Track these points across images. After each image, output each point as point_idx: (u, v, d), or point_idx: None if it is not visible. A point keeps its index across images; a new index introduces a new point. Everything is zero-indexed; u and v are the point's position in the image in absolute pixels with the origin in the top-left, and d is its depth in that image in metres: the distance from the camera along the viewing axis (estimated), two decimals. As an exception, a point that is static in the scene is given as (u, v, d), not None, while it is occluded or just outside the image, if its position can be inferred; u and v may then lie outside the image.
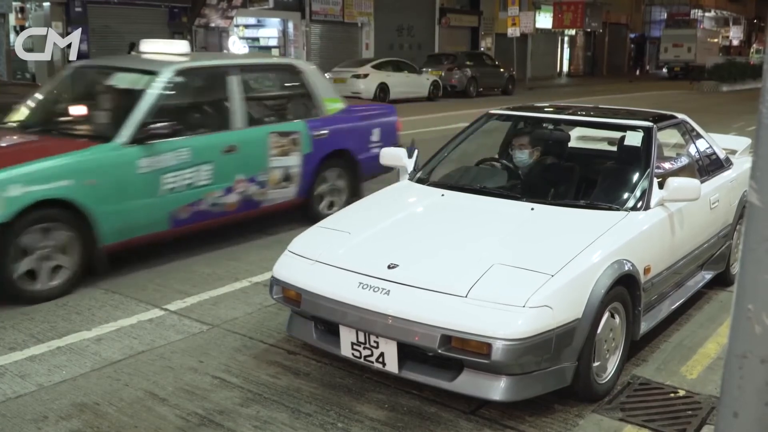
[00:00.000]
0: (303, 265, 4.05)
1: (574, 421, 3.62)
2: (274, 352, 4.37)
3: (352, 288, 3.73)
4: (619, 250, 3.87)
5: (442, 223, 4.29)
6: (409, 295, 3.59)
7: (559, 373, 3.56)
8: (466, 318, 3.39)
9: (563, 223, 4.14)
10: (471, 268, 3.63)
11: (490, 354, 3.31)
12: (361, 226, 4.33)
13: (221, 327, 4.74)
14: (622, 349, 4.00)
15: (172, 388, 3.92)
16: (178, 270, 5.91)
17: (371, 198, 4.92)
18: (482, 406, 3.73)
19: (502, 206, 4.41)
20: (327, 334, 4.00)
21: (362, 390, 3.91)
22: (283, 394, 3.87)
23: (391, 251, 3.94)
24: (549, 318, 3.38)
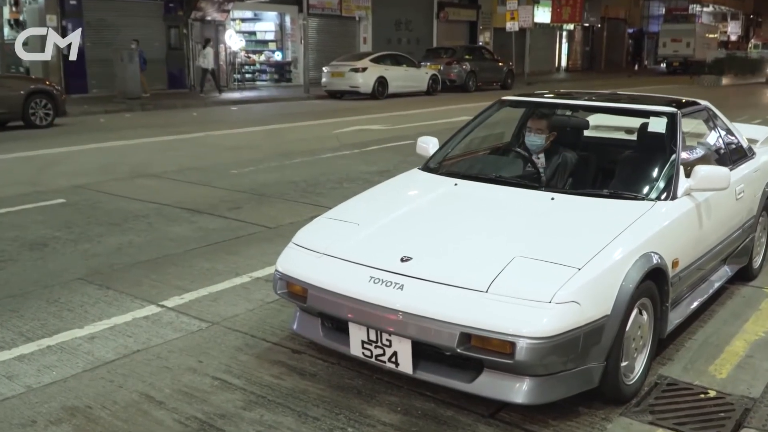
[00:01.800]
0: (309, 259, 3.79)
1: (601, 425, 3.38)
2: (277, 351, 4.12)
3: (362, 282, 3.48)
4: (647, 242, 3.62)
5: (456, 214, 4.04)
6: (425, 290, 3.34)
7: (585, 373, 3.31)
8: (488, 315, 3.14)
9: (586, 214, 3.89)
10: (491, 261, 3.38)
11: (513, 354, 3.06)
12: (371, 217, 4.08)
13: (221, 324, 4.49)
14: (649, 347, 3.76)
15: (170, 390, 3.67)
16: (175, 264, 5.66)
17: (380, 188, 4.66)
18: (502, 409, 3.48)
19: (520, 196, 4.16)
20: (335, 331, 3.75)
21: (373, 392, 3.66)
22: (289, 396, 3.61)
23: (403, 243, 3.69)
24: (577, 315, 3.13)
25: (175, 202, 7.75)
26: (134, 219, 7.05)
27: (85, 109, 17.48)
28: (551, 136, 4.70)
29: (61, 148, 11.57)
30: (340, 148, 11.92)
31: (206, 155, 11.15)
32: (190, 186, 8.78)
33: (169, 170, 9.72)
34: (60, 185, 8.64)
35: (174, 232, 6.60)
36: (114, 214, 7.25)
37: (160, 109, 18.76)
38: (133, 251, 6.00)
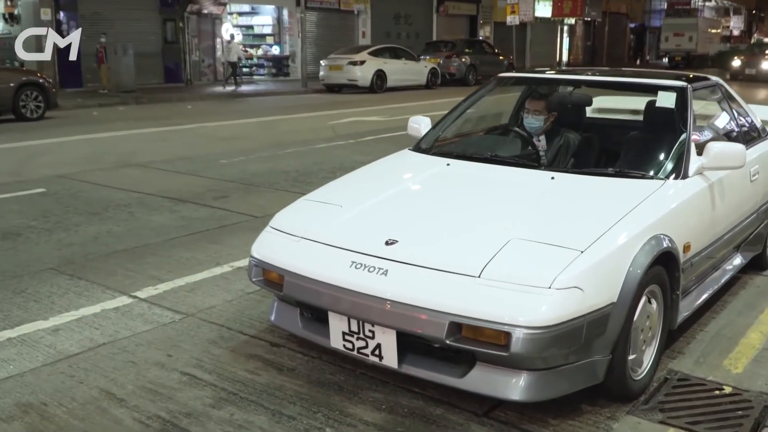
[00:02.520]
0: (286, 243, 3.47)
1: (606, 425, 3.05)
2: (254, 345, 3.80)
3: (343, 268, 3.16)
4: (656, 223, 3.30)
5: (448, 195, 3.71)
6: (411, 276, 3.02)
7: (589, 367, 2.99)
8: (480, 302, 2.82)
9: (590, 194, 3.57)
10: (484, 243, 3.06)
11: (508, 345, 2.74)
12: (355, 198, 3.75)
13: (196, 316, 4.17)
14: (658, 339, 3.44)
15: (133, 387, 3.35)
16: (154, 254, 5.33)
17: (366, 169, 4.34)
18: (497, 407, 3.16)
19: (517, 175, 3.83)
20: (315, 322, 3.43)
21: (356, 388, 3.34)
22: (263, 393, 3.29)
23: (389, 226, 3.37)
24: (579, 302, 2.81)
25: (159, 192, 7.43)
26: (115, 208, 6.73)
27: (79, 103, 17.17)
28: (551, 117, 4.36)
29: (48, 140, 11.26)
30: (334, 139, 11.59)
31: (196, 145, 10.83)
32: (177, 175, 8.46)
33: (156, 160, 9.40)
34: (42, 175, 8.33)
35: (155, 222, 6.29)
36: (94, 203, 6.93)
37: (154, 102, 18.42)
38: (110, 241, 5.68)
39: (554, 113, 4.38)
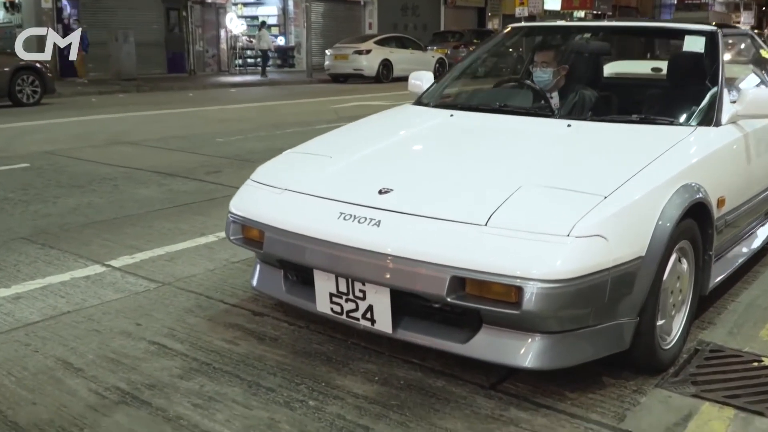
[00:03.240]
0: (268, 196, 3.08)
1: (632, 399, 2.64)
2: (235, 314, 3.40)
3: (330, 219, 2.76)
4: (687, 171, 2.89)
5: (450, 144, 3.32)
6: (407, 226, 2.62)
7: (613, 331, 2.58)
8: (487, 253, 2.42)
9: (611, 141, 3.17)
10: (492, 190, 2.65)
11: (520, 302, 2.33)
12: (346, 149, 3.36)
13: (173, 285, 3.78)
14: (689, 305, 3.03)
15: (94, 356, 2.96)
16: (134, 225, 4.95)
17: (360, 121, 3.94)
18: (506, 378, 2.76)
19: (529, 124, 3.43)
20: (300, 286, 3.04)
21: (346, 359, 2.94)
22: (240, 363, 2.90)
23: (383, 175, 2.97)
24: (603, 252, 2.40)
25: (149, 167, 7.05)
26: (99, 182, 6.35)
27: (78, 90, 16.81)
28: (562, 70, 3.93)
29: (41, 121, 10.89)
30: (337, 120, 11.15)
31: (193, 126, 10.45)
32: (169, 152, 8.07)
33: (149, 138, 9.02)
34: (28, 151, 7.96)
35: (140, 194, 5.90)
36: (78, 177, 6.56)
37: (156, 90, 18.03)
38: (90, 212, 5.30)
39: (565, 66, 3.95)
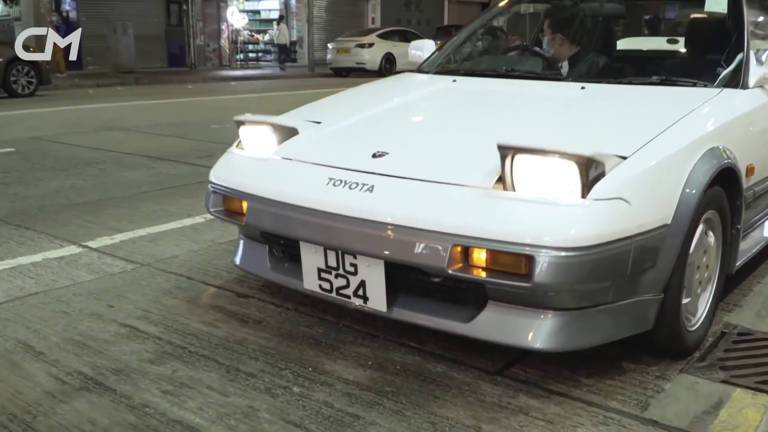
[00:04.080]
0: (251, 163, 2.80)
1: (656, 386, 2.36)
2: (217, 296, 3.12)
3: (317, 186, 2.47)
4: (714, 134, 2.60)
5: (453, 108, 3.04)
6: (403, 191, 2.33)
7: (636, 309, 2.29)
8: (494, 218, 2.13)
9: (631, 102, 2.88)
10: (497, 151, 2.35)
11: (530, 273, 2.05)
12: (338, 115, 3.08)
13: (152, 266, 3.49)
14: (715, 283, 2.74)
15: (58, 339, 2.67)
16: (118, 207, 4.67)
17: (356, 88, 3.65)
18: (515, 362, 2.47)
19: (539, 87, 3.14)
20: (287, 263, 2.76)
21: (336, 342, 2.65)
22: (219, 347, 2.61)
23: (378, 139, 2.69)
24: (625, 218, 2.11)
25: (139, 151, 6.77)
26: (85, 165, 6.08)
27: (76, 83, 16.55)
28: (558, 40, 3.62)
29: (33, 110, 10.61)
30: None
31: (189, 113, 10.18)
32: (161, 138, 7.79)
33: (142, 125, 8.75)
34: (15, 137, 7.68)
35: (127, 177, 5.62)
36: (64, 161, 6.28)
37: (155, 83, 17.75)
38: (72, 194, 5.02)
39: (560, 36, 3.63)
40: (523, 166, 2.15)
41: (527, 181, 2.16)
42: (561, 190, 2.11)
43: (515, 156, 2.14)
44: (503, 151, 2.16)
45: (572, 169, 2.07)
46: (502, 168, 2.16)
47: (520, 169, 2.15)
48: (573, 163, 2.07)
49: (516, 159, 2.15)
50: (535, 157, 2.13)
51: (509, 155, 2.15)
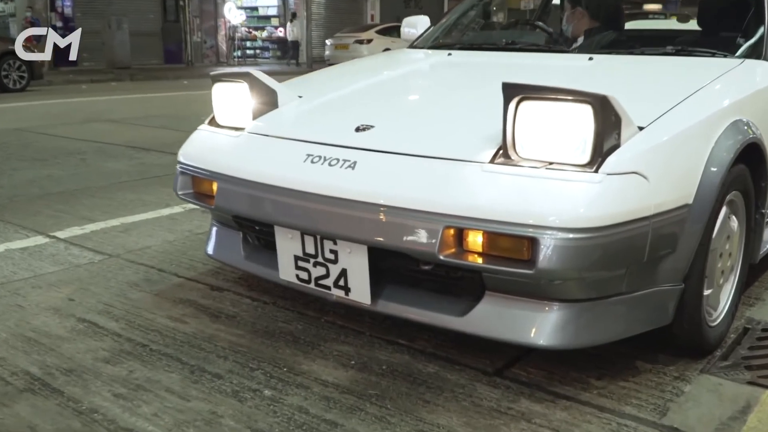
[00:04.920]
0: (222, 140, 2.52)
1: (675, 388, 2.08)
2: (189, 288, 2.85)
3: (293, 163, 2.20)
4: (738, 106, 2.32)
5: (448, 80, 2.77)
6: (388, 167, 2.05)
7: (653, 301, 2.02)
8: (491, 195, 1.86)
9: (644, 72, 2.61)
10: (498, 122, 2.06)
11: (533, 259, 1.77)
12: (322, 89, 2.80)
13: (121, 257, 3.22)
14: (738, 273, 2.46)
15: (7, 335, 2.40)
16: (94, 196, 4.40)
17: (344, 63, 3.38)
18: (516, 361, 2.20)
19: (543, 59, 2.87)
20: (262, 251, 2.49)
21: (316, 339, 2.38)
22: (184, 345, 2.34)
23: (363, 112, 2.42)
24: (642, 195, 1.84)
25: (124, 142, 6.50)
26: (66, 156, 5.80)
27: (70, 78, 16.28)
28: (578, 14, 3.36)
29: (21, 103, 10.34)
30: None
31: (180, 106, 9.89)
32: (149, 129, 7.52)
33: (131, 117, 8.48)
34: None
35: (108, 167, 5.35)
36: (44, 151, 6.01)
37: (150, 79, 17.47)
38: (47, 184, 4.75)
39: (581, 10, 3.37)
40: (529, 114, 1.87)
41: (533, 134, 1.87)
42: (571, 146, 1.83)
43: (522, 102, 1.87)
44: (509, 92, 1.87)
45: (586, 114, 1.79)
46: (504, 116, 1.88)
47: (526, 118, 1.87)
48: (588, 106, 1.79)
49: (522, 106, 1.87)
50: (544, 104, 1.85)
51: (515, 99, 1.87)
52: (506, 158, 1.91)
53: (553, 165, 1.85)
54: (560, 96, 1.83)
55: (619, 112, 1.83)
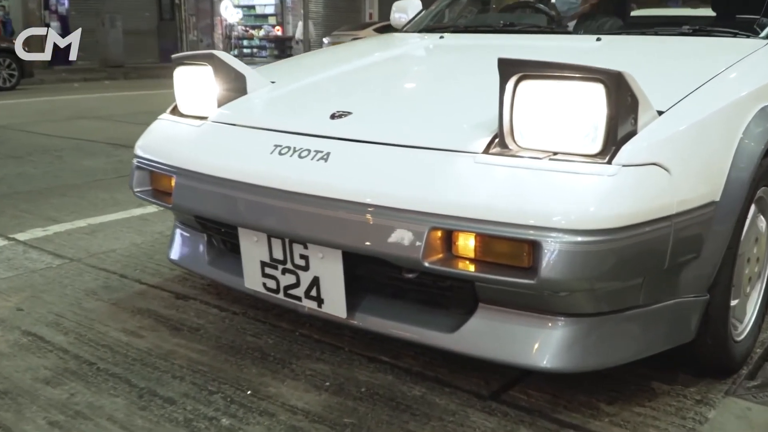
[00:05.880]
0: (184, 130, 2.23)
1: (698, 413, 1.79)
2: (151, 297, 2.56)
3: (259, 155, 1.91)
4: (766, 90, 2.03)
5: (439, 65, 2.49)
6: (366, 158, 1.77)
7: (674, 315, 1.73)
8: (485, 191, 1.57)
9: (659, 52, 2.32)
10: (492, 108, 1.77)
11: (535, 266, 1.49)
12: (300, 73, 2.52)
13: (83, 261, 2.94)
14: (766, 280, 2.17)
15: (-63, 353, 2.11)
16: (64, 195, 4.12)
17: (325, 48, 3.09)
18: (515, 383, 1.91)
19: (545, 41, 2.59)
20: (228, 255, 2.20)
21: (288, 356, 2.09)
22: (137, 363, 2.05)
23: (341, 97, 2.13)
24: (663, 190, 1.55)
25: (104, 139, 6.22)
26: (42, 153, 5.52)
27: (63, 77, 16.01)
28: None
29: (8, 101, 10.05)
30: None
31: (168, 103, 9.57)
32: (134, 126, 7.17)
33: (118, 114, 8.20)
34: (-24, 126, 7.13)
35: (84, 165, 5.07)
36: (21, 148, 5.73)
37: (144, 78, 17.20)
38: (17, 182, 4.47)
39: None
40: (530, 95, 1.58)
41: (534, 118, 1.59)
42: (579, 133, 1.55)
43: (521, 81, 1.58)
44: (506, 69, 1.59)
45: (598, 94, 1.51)
46: (501, 98, 1.60)
47: (527, 100, 1.58)
48: (599, 85, 1.51)
49: (522, 86, 1.58)
50: (548, 83, 1.57)
51: (513, 78, 1.58)
52: (503, 147, 1.63)
53: (558, 155, 1.57)
54: (566, 73, 1.55)
55: (636, 92, 1.54)
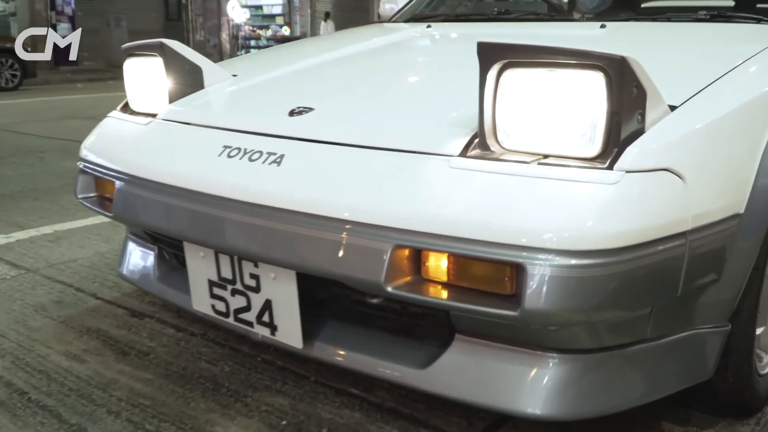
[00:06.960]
0: (131, 129, 1.97)
1: (718, 465, 1.51)
2: (104, 314, 2.30)
3: (208, 158, 1.65)
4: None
5: (421, 56, 2.23)
6: (323, 162, 1.50)
7: (689, 349, 1.46)
8: (461, 203, 1.29)
9: (672, 39, 2.05)
10: (473, 106, 1.49)
11: (519, 294, 1.21)
12: (266, 66, 2.25)
13: (39, 272, 2.69)
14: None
15: None
16: (37, 199, 3.88)
17: (302, 40, 2.83)
18: (503, 422, 1.64)
19: (542, 28, 2.32)
20: (179, 271, 1.93)
21: (244, 387, 1.83)
22: (72, 394, 1.80)
23: (303, 93, 1.86)
24: (676, 201, 1.28)
25: (92, 139, 5.96)
26: (24, 154, 5.30)
27: (67, 78, 15.89)
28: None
29: (7, 101, 9.87)
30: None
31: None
32: (126, 126, 6.99)
33: (110, 114, 7.94)
34: (-36, 126, 6.92)
35: (66, 167, 4.82)
36: (5, 149, 5.54)
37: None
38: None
39: None
40: (516, 87, 1.31)
41: (521, 114, 1.32)
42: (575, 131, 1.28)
43: (505, 70, 1.31)
44: (487, 55, 1.32)
45: (597, 85, 1.24)
46: (481, 90, 1.33)
47: (512, 92, 1.31)
48: (599, 73, 1.24)
49: (506, 75, 1.31)
50: (537, 71, 1.29)
51: (496, 66, 1.31)
52: (483, 150, 1.36)
53: (549, 159, 1.30)
54: (559, 59, 1.28)
55: (643, 82, 1.27)
